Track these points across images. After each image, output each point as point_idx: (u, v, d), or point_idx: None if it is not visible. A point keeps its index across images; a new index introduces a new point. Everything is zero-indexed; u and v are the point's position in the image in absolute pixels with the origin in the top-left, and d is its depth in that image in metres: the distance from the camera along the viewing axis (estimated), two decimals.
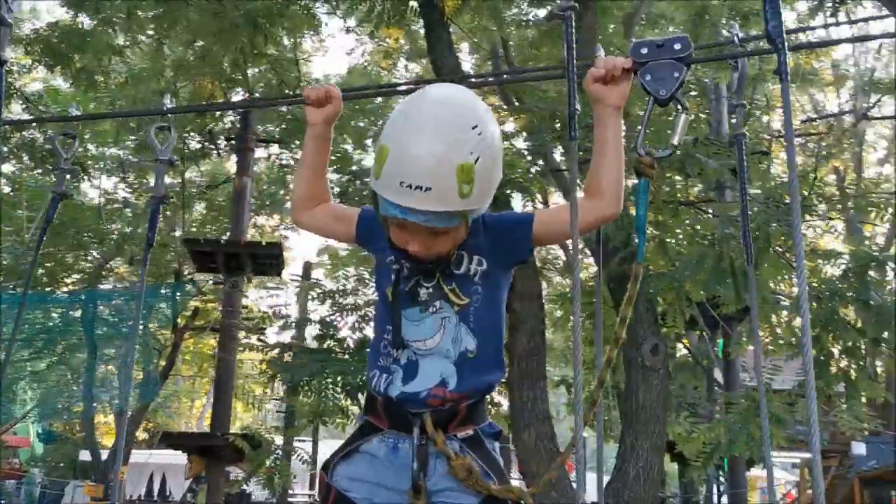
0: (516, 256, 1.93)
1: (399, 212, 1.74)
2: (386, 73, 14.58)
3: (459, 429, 1.84)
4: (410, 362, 1.86)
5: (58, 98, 11.97)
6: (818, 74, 15.87)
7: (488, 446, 1.86)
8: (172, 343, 15.06)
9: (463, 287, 1.86)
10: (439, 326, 1.86)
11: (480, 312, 1.86)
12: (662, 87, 1.73)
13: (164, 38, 9.80)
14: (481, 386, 1.87)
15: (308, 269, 16.33)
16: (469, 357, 1.85)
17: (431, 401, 1.82)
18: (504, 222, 1.91)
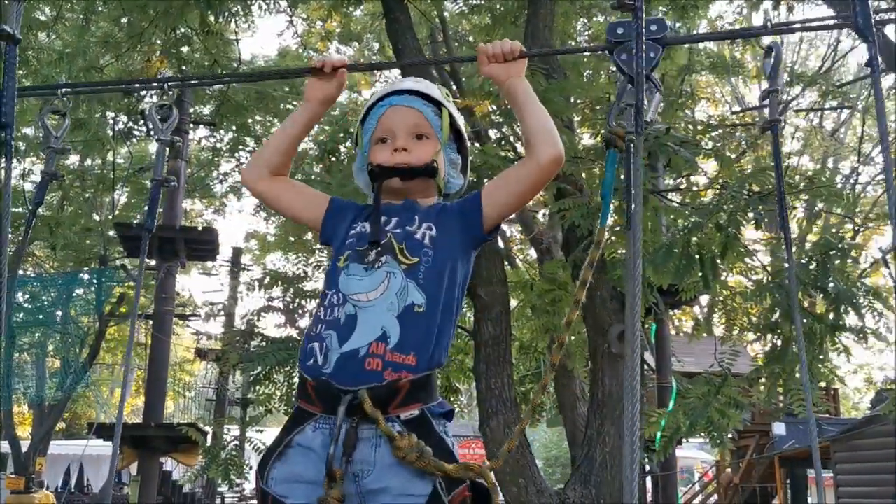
0: (470, 235, 1.87)
1: (387, 101, 1.93)
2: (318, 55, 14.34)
3: (402, 409, 1.68)
4: (349, 317, 1.74)
5: None
6: (743, 66, 16.41)
7: (437, 428, 1.71)
8: (97, 331, 14.52)
9: (412, 248, 1.81)
10: (384, 279, 1.77)
11: (431, 273, 1.78)
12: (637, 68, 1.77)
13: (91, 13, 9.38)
14: (428, 349, 1.72)
15: (238, 255, 16.01)
16: (417, 311, 1.74)
17: (370, 361, 1.67)
18: (457, 203, 1.92)
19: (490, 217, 1.86)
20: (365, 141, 1.96)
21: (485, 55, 1.89)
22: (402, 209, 1.89)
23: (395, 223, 1.86)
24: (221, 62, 10.19)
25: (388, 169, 1.88)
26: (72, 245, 14.09)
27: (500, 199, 1.86)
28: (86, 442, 14.70)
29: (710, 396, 5.25)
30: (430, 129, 1.92)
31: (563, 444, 25.04)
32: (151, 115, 2.66)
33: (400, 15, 6.31)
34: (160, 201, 7.22)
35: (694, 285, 5.54)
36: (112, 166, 12.34)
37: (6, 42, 2.16)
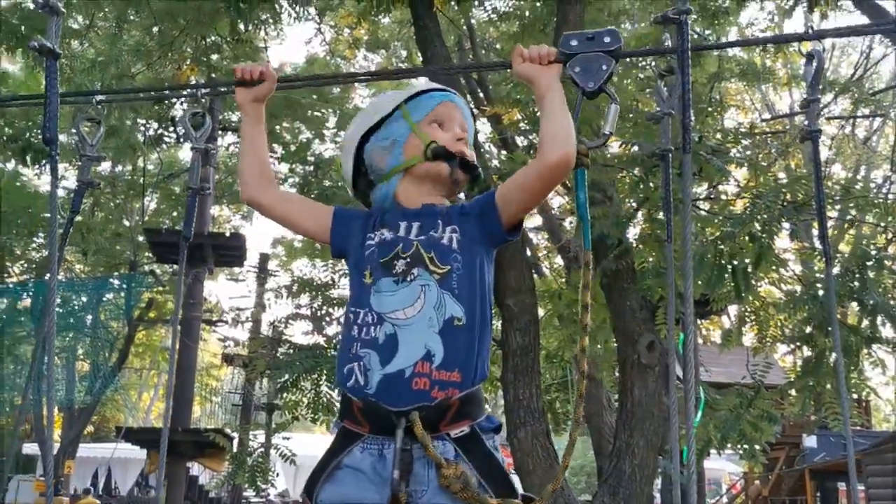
0: (490, 231, 1.79)
1: (443, 94, 1.92)
2: (346, 63, 14.40)
3: (453, 426, 1.64)
4: (389, 337, 1.68)
5: (9, 82, 11.52)
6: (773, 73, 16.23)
7: (487, 444, 1.67)
8: (126, 335, 14.66)
9: (441, 256, 1.74)
10: (419, 293, 1.71)
11: (464, 281, 1.72)
12: (591, 80, 1.76)
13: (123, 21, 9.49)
14: (472, 364, 1.68)
15: (265, 261, 16.09)
16: (457, 325, 1.68)
17: (417, 381, 1.64)
18: (473, 203, 1.86)
19: (507, 215, 1.79)
20: (415, 119, 1.88)
21: (519, 55, 1.84)
22: (422, 214, 1.83)
23: (417, 229, 1.80)
24: None
25: (454, 155, 1.84)
26: (102, 250, 14.25)
27: (514, 197, 1.79)
28: (114, 445, 14.86)
29: (742, 409, 5.17)
30: (468, 137, 1.91)
31: (588, 453, 24.83)
32: (185, 124, 2.67)
33: (429, 22, 6.31)
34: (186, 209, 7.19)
35: (725, 295, 5.47)
36: (142, 172, 12.47)
37: (46, 56, 2.17)
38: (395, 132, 1.88)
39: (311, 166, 11.83)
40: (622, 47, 1.79)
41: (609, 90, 1.77)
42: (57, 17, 2.20)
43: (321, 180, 9.65)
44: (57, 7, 2.16)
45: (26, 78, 12.50)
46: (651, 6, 9.41)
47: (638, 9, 9.55)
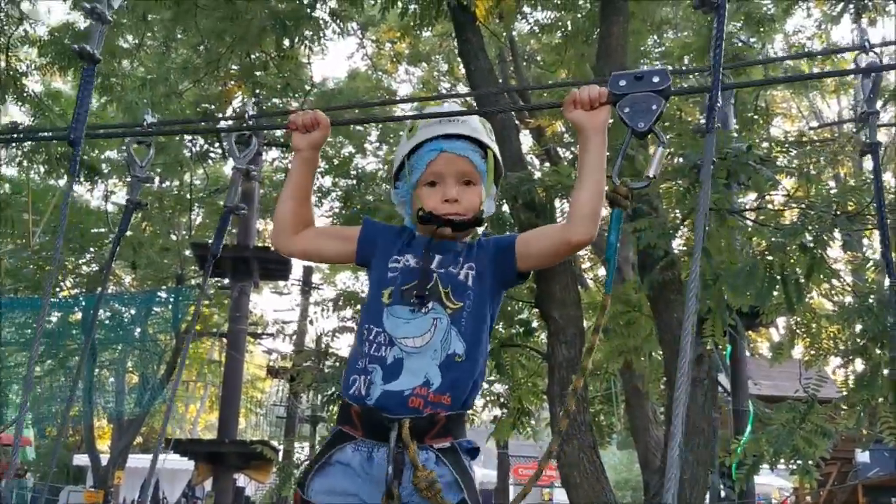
0: (503, 276, 1.94)
1: (437, 145, 1.94)
2: (388, 76, 14.49)
3: (437, 440, 1.81)
4: (396, 360, 1.84)
5: (61, 101, 11.79)
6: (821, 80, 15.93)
7: (463, 460, 1.84)
8: (173, 348, 14.88)
9: (457, 292, 1.88)
10: (430, 325, 1.85)
11: (471, 319, 1.87)
12: (641, 120, 1.76)
13: (171, 40, 9.69)
14: (464, 394, 1.85)
15: (308, 274, 16.24)
16: (456, 361, 1.84)
17: (413, 400, 1.80)
18: (493, 240, 1.98)
19: (523, 264, 1.94)
20: (412, 180, 1.98)
21: (572, 101, 1.87)
22: (445, 248, 1.95)
23: (438, 262, 1.92)
24: (294, 85, 10.43)
25: (440, 219, 1.93)
26: (151, 264, 14.51)
27: (532, 253, 1.93)
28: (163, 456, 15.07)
29: (795, 423, 5.06)
30: (476, 175, 1.97)
31: (633, 467, 24.51)
32: (231, 144, 2.73)
33: (471, 36, 6.34)
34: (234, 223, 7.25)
35: (776, 307, 5.37)
36: (189, 188, 12.69)
37: (85, 61, 2.22)
38: (402, 191, 2.03)
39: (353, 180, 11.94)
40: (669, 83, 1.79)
41: (658, 131, 1.78)
42: (102, 25, 2.26)
43: (364, 194, 9.73)
44: (104, 15, 2.22)
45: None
46: (694, 15, 9.34)
47: (681, 18, 9.46)
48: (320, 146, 2.07)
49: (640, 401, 8.35)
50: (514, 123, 6.64)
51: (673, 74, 1.83)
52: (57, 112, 10.30)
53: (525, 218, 5.40)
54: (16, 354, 15.86)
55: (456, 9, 6.17)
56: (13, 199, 11.87)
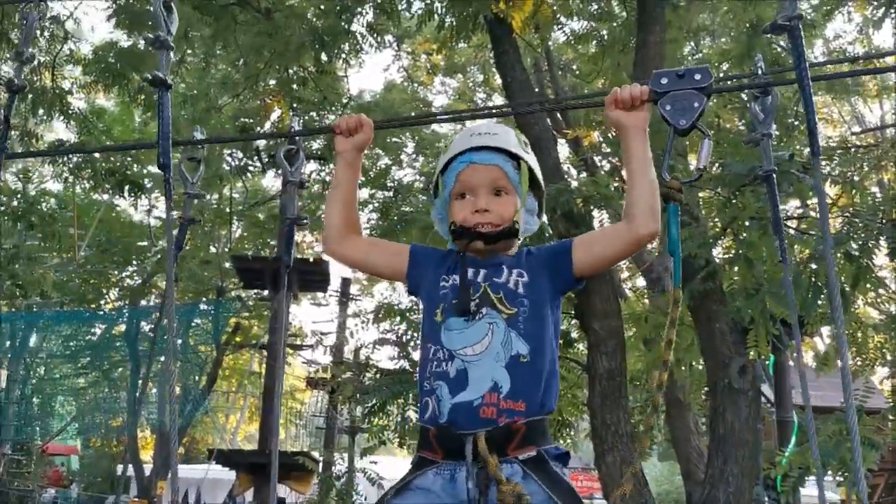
0: (560, 281, 1.89)
1: (467, 157, 1.92)
2: (423, 88, 14.57)
3: (520, 450, 1.73)
4: (459, 372, 1.78)
5: (105, 118, 12.07)
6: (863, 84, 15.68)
7: (554, 468, 1.75)
8: (214, 359, 15.08)
9: (509, 298, 1.84)
10: (487, 330, 1.80)
11: (529, 322, 1.82)
12: (682, 118, 1.76)
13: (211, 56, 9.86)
14: (537, 397, 1.77)
15: (347, 286, 16.33)
16: (522, 361, 1.78)
17: (485, 410, 1.73)
18: (545, 248, 1.95)
19: (581, 268, 1.89)
20: (445, 195, 1.98)
21: (613, 101, 1.87)
22: (487, 263, 1.91)
23: (484, 275, 1.88)
24: (330, 98, 10.53)
25: (471, 231, 1.90)
26: (192, 277, 14.72)
27: (595, 254, 1.89)
28: (206, 466, 15.24)
29: (842, 435, 4.97)
30: (509, 185, 1.93)
31: (674, 479, 24.18)
32: (281, 160, 2.77)
33: (508, 48, 6.36)
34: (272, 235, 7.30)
35: (821, 317, 5.29)
36: (229, 201, 12.88)
37: (159, 88, 2.29)
38: (439, 208, 2.02)
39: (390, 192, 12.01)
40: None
41: (702, 126, 1.78)
42: (167, 51, 2.32)
43: (401, 205, 9.78)
44: (167, 42, 2.29)
45: (121, 112, 13.07)
46: (732, 21, 9.26)
47: (718, 24, 9.39)
48: (363, 148, 2.09)
49: (682, 411, 8.26)
50: (552, 134, 6.64)
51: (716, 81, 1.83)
52: (101, 128, 10.55)
53: (564, 229, 5.39)
54: (61, 366, 16.20)
55: (492, 21, 6.20)
56: (59, 215, 12.14)
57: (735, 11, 8.78)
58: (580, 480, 21.11)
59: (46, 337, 15.22)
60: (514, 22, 6.17)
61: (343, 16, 7.26)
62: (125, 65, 8.42)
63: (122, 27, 8.28)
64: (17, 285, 12.87)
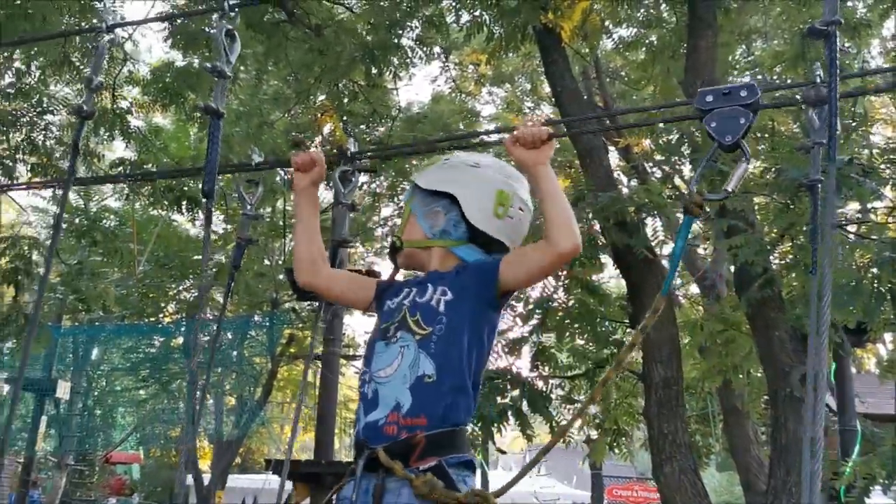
0: (483, 296, 1.97)
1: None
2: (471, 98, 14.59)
3: (421, 461, 1.83)
4: (373, 393, 1.92)
5: (162, 135, 12.35)
6: None
7: (453, 476, 1.84)
8: (269, 371, 15.28)
9: (427, 317, 1.95)
10: (398, 353, 1.92)
11: (442, 342, 1.91)
12: (728, 133, 1.76)
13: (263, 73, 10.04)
14: (438, 412, 1.86)
15: None
16: (426, 381, 1.88)
17: (387, 428, 1.86)
18: (478, 262, 2.04)
19: (505, 285, 1.98)
20: None
21: (512, 139, 1.97)
22: (419, 282, 2.06)
23: (411, 295, 2.02)
24: (380, 111, 10.64)
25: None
26: (246, 289, 14.96)
27: (517, 274, 1.98)
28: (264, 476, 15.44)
29: None
30: (406, 210, 2.16)
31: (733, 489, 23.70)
32: (336, 182, 2.82)
33: (557, 57, 6.36)
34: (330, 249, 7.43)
35: (884, 323, 5.17)
36: (282, 214, 13.07)
37: (211, 116, 2.37)
38: None
39: None
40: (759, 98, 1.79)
41: (744, 146, 1.78)
42: (223, 80, 2.40)
43: None
44: (224, 71, 2.36)
45: (177, 130, 13.38)
46: (785, 23, 9.12)
47: (770, 26, 9.25)
48: (320, 182, 2.27)
49: (740, 420, 8.12)
50: (603, 143, 6.61)
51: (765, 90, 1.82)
52: (158, 146, 10.81)
53: (617, 238, 5.37)
54: (122, 378, 16.59)
55: (541, 31, 6.21)
56: (119, 231, 12.46)
57: (788, 12, 8.64)
58: (634, 491, 20.83)
59: (107, 350, 15.62)
60: (562, 32, 6.17)
61: (392, 30, 7.35)
62: (181, 84, 8.63)
63: (177, 48, 8.49)
64: (80, 300, 13.23)
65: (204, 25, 7.97)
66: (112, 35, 2.35)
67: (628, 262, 5.72)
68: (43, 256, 9.24)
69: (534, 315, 6.44)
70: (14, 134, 8.83)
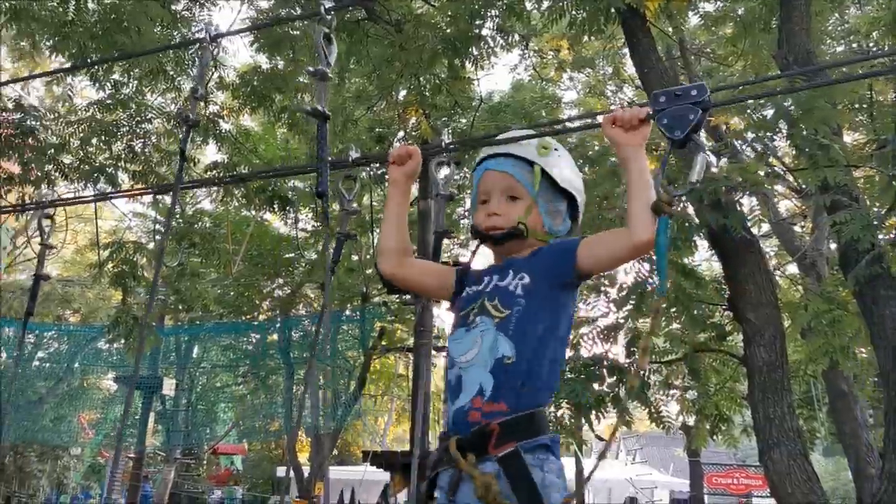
0: (560, 276, 1.98)
1: (483, 165, 2.11)
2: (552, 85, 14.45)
3: (499, 448, 1.84)
4: (457, 379, 1.95)
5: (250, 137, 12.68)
6: None
7: (529, 460, 1.84)
8: (363, 364, 15.54)
9: (504, 300, 1.97)
10: (478, 337, 1.94)
11: (522, 323, 1.93)
12: (677, 129, 1.84)
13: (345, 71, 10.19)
14: (517, 395, 1.88)
15: None
16: (506, 363, 1.90)
17: (472, 414, 1.88)
18: (555, 245, 2.07)
19: (583, 267, 1.98)
20: (473, 198, 2.16)
21: (610, 119, 1.97)
22: (500, 268, 2.07)
23: (493, 281, 2.03)
24: (462, 103, 10.65)
25: (482, 234, 2.09)
26: (339, 285, 15.24)
27: (597, 255, 1.97)
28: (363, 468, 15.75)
29: None
30: (521, 190, 2.07)
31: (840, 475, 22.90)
32: (433, 175, 2.86)
33: (643, 38, 6.24)
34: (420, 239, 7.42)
35: None
36: (370, 209, 13.25)
37: (318, 119, 2.43)
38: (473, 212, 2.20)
39: None
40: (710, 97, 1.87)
41: (696, 139, 1.85)
42: (324, 82, 2.45)
43: None
44: (325, 74, 2.41)
45: (265, 132, 13.72)
46: None
47: None
48: (414, 176, 2.25)
49: (848, 403, 7.83)
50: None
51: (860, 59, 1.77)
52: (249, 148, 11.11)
53: (712, 218, 5.24)
54: (222, 375, 17.19)
55: (625, 12, 6.10)
56: (214, 232, 12.87)
57: None
58: (735, 478, 20.32)
59: (207, 348, 16.21)
60: (647, 11, 6.05)
61: (472, 21, 7.34)
62: (269, 87, 8.83)
63: (263, 51, 8.70)
64: (181, 300, 13.74)
65: (289, 28, 8.14)
66: (215, 45, 2.42)
67: (724, 243, 5.58)
68: (146, 259, 9.63)
69: (629, 301, 6.35)
70: (115, 143, 9.21)
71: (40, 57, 11.25)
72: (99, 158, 9.30)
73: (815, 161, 4.77)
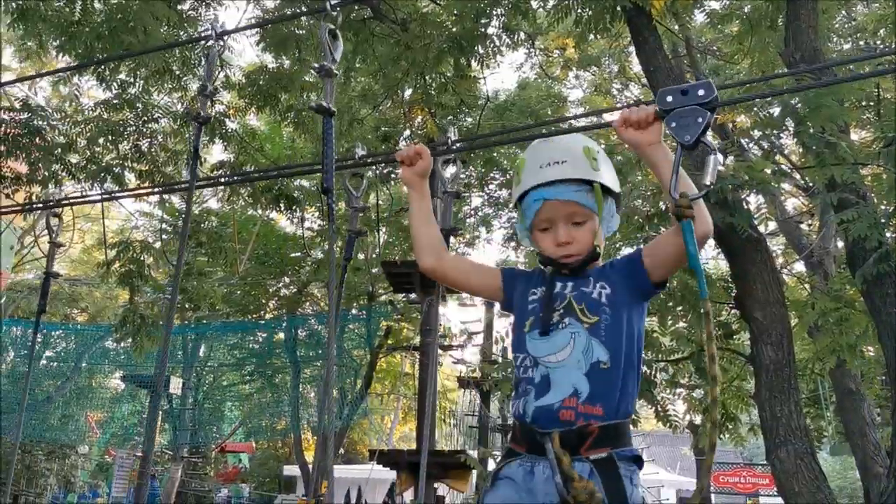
0: (639, 285, 2.00)
1: (539, 194, 2.02)
2: (557, 83, 14.44)
3: (592, 451, 1.85)
4: (543, 378, 1.94)
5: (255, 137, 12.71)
6: None
7: (622, 471, 1.85)
8: (369, 363, 15.55)
9: (591, 307, 1.97)
10: (570, 339, 1.94)
11: (611, 330, 1.94)
12: (687, 133, 1.82)
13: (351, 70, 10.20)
14: (614, 402, 1.89)
15: None
16: (602, 368, 1.91)
17: (563, 413, 1.88)
18: (619, 260, 2.08)
19: (654, 274, 2.00)
20: (527, 224, 2.10)
21: (621, 122, 1.96)
22: (574, 276, 2.05)
23: (570, 287, 2.02)
24: (468, 101, 10.65)
25: (557, 263, 2.06)
26: (346, 284, 15.27)
27: (661, 258, 1.98)
28: (369, 466, 15.76)
29: None
30: (586, 214, 2.04)
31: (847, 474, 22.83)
32: (439, 170, 2.87)
33: (649, 36, 6.22)
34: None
35: None
36: (376, 207, 13.27)
37: (323, 115, 2.43)
38: (520, 229, 2.17)
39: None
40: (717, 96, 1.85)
41: (707, 141, 1.82)
42: (330, 79, 2.46)
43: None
44: (331, 71, 2.42)
45: (271, 131, 13.74)
46: None
47: None
48: (425, 175, 2.24)
49: (855, 402, 7.81)
50: None
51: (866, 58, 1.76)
52: (255, 147, 11.13)
53: (719, 218, 5.22)
54: (228, 373, 17.22)
55: (631, 10, 6.08)
56: (221, 231, 12.90)
57: None
58: (743, 477, 20.29)
59: (214, 346, 16.25)
60: (652, 9, 6.03)
61: (478, 19, 7.34)
62: (275, 86, 8.85)
63: (269, 51, 8.71)
64: (189, 299, 13.77)
65: (294, 27, 8.15)
66: (222, 42, 2.43)
67: (731, 241, 5.57)
68: (153, 259, 9.65)
69: None
70: (122, 143, 9.24)
71: (47, 57, 11.29)
72: (106, 158, 9.32)
73: (823, 159, 4.76)
